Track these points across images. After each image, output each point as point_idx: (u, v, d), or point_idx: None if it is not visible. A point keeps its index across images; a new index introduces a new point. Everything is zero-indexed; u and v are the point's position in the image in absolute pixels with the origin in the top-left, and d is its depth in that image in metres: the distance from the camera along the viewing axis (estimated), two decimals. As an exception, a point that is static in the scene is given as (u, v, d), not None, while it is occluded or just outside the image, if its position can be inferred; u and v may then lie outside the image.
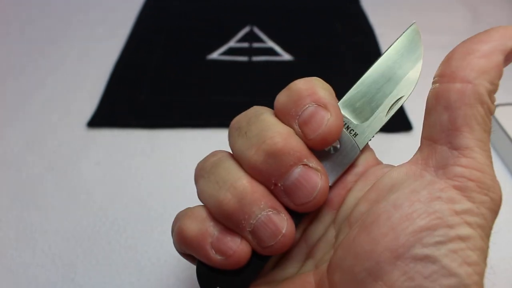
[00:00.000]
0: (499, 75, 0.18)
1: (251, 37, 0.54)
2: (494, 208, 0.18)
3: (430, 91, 0.19)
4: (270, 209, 0.18)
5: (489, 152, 0.18)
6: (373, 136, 0.20)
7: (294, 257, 0.21)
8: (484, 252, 0.17)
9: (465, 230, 0.17)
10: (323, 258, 0.21)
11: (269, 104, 0.21)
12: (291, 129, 0.19)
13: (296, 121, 0.18)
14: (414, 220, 0.17)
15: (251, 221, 0.18)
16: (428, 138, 0.19)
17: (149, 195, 0.36)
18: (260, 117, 0.19)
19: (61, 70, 0.49)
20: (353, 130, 0.20)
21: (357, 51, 0.52)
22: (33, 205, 0.35)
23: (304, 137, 0.18)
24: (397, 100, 0.21)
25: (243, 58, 0.50)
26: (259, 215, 0.18)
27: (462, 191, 0.17)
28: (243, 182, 0.18)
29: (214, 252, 0.18)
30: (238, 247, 0.18)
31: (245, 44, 0.52)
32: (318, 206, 0.19)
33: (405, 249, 0.16)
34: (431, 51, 0.53)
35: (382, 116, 0.20)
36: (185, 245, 0.19)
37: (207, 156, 0.21)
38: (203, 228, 0.19)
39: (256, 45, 0.52)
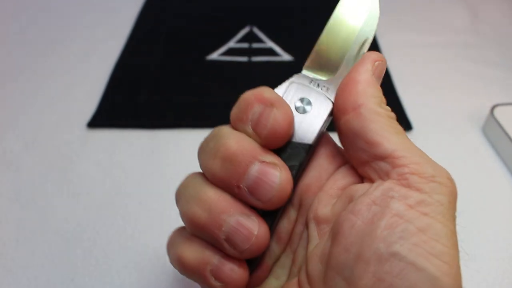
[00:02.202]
0: (377, 89, 0.19)
1: (250, 37, 0.54)
2: (447, 191, 0.18)
3: (338, 132, 0.20)
4: (239, 214, 0.19)
5: (414, 145, 0.19)
6: None
7: (284, 265, 0.22)
8: (450, 239, 0.17)
9: (423, 221, 0.17)
10: (302, 265, 0.21)
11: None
12: (243, 134, 0.19)
13: (249, 125, 0.19)
14: (375, 223, 0.17)
15: (223, 229, 0.18)
16: (360, 167, 0.20)
17: (149, 195, 0.36)
18: (217, 132, 0.20)
19: (61, 71, 0.49)
20: (325, 86, 0.20)
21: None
22: (33, 205, 0.35)
23: (259, 138, 0.19)
24: (362, 43, 0.20)
25: (243, 59, 0.50)
26: (230, 222, 0.18)
27: (409, 186, 0.17)
28: (208, 194, 0.19)
29: (214, 279, 0.19)
30: (236, 274, 0.19)
31: (244, 45, 0.52)
32: (284, 199, 0.19)
33: (371, 252, 0.17)
34: (431, 51, 0.53)
35: (351, 62, 0.20)
36: (186, 273, 0.20)
37: (182, 180, 0.21)
38: (204, 256, 0.19)
39: (255, 45, 0.52)
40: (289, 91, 0.20)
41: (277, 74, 0.51)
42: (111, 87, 0.46)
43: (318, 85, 0.20)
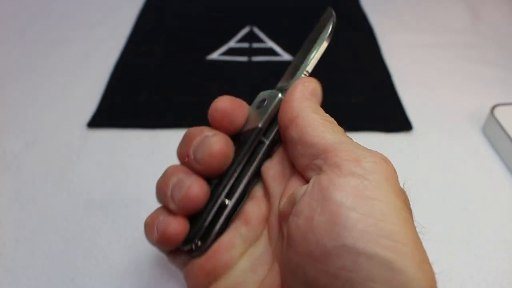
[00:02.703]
0: (311, 101, 0.21)
1: (251, 37, 0.54)
2: (381, 169, 0.18)
3: (285, 148, 0.22)
4: (183, 174, 0.22)
5: (351, 140, 0.20)
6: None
7: (263, 259, 0.22)
8: (398, 215, 0.16)
9: (365, 205, 0.16)
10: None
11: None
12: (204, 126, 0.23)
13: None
14: (316, 219, 0.17)
15: (169, 186, 0.21)
16: (304, 172, 0.20)
17: (149, 195, 0.36)
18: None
19: (61, 71, 0.49)
20: (284, 90, 0.23)
21: (357, 51, 0.52)
22: (33, 205, 0.35)
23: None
24: (314, 54, 0.24)
25: (243, 58, 0.50)
26: (174, 180, 0.22)
27: (343, 173, 0.17)
28: (170, 167, 0.23)
29: (156, 231, 0.22)
30: (171, 226, 0.21)
31: (245, 44, 0.52)
32: (217, 159, 0.21)
33: (319, 249, 0.16)
34: (431, 51, 0.53)
35: (304, 68, 0.24)
36: (146, 234, 0.23)
37: None
38: (156, 214, 0.22)
39: (256, 45, 0.52)
40: (256, 98, 0.24)
41: (277, 74, 0.51)
42: (111, 87, 0.46)
43: (281, 90, 0.23)
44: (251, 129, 0.23)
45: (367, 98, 0.45)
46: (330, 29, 0.24)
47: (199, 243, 0.22)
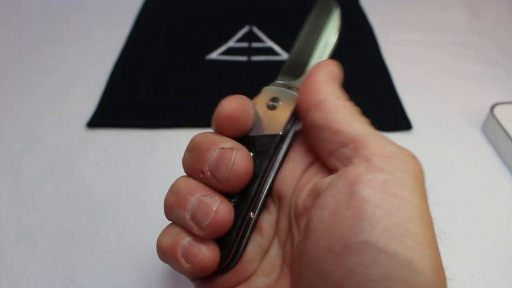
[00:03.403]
0: (335, 87, 0.20)
1: (250, 37, 0.54)
2: (410, 168, 0.17)
3: (305, 131, 0.21)
4: (201, 194, 0.20)
5: (377, 132, 0.19)
6: None
7: (273, 262, 0.21)
8: (421, 218, 0.16)
9: (390, 203, 0.16)
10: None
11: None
12: (210, 132, 0.22)
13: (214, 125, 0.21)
14: (341, 213, 0.17)
15: (188, 208, 0.20)
16: (327, 159, 0.20)
17: (149, 195, 0.36)
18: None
19: (60, 70, 0.49)
20: (295, 87, 0.22)
21: (356, 50, 0.52)
22: (33, 205, 0.35)
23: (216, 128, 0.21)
24: (324, 49, 0.23)
25: (243, 58, 0.50)
26: (193, 201, 0.20)
27: (371, 168, 0.17)
28: (179, 181, 0.21)
29: (184, 261, 0.20)
30: (204, 254, 0.20)
31: (244, 44, 0.52)
32: (241, 177, 0.20)
33: (340, 243, 0.16)
34: (431, 50, 0.53)
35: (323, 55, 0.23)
36: (163, 257, 0.21)
37: None
38: (175, 239, 0.20)
39: (255, 45, 0.52)
40: (262, 95, 0.23)
41: (277, 74, 0.51)
42: (111, 87, 0.46)
43: (290, 88, 0.22)
44: (268, 136, 0.21)
45: (367, 97, 0.45)
46: (337, 19, 0.24)
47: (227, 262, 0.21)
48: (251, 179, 0.20)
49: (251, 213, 0.21)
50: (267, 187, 0.21)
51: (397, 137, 0.41)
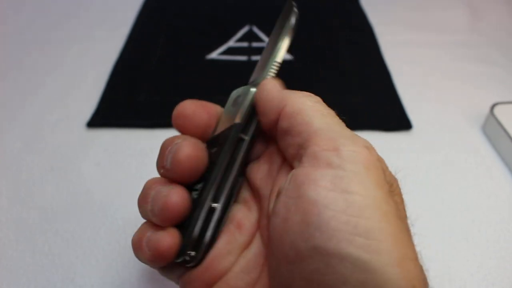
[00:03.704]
0: (289, 91, 0.21)
1: (250, 36, 0.54)
2: (361, 158, 0.16)
3: (277, 140, 0.21)
4: (160, 186, 0.21)
5: (340, 124, 0.19)
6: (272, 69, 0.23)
7: (256, 261, 0.21)
8: (376, 209, 0.15)
9: (340, 200, 0.15)
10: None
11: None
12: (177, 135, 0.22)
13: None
14: (291, 219, 0.16)
15: (149, 200, 0.21)
16: (291, 162, 0.20)
17: (149, 195, 0.36)
18: None
19: (60, 70, 0.49)
20: (258, 83, 0.23)
21: (356, 50, 0.52)
22: (33, 205, 0.35)
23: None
24: (278, 49, 0.24)
25: (243, 58, 0.50)
26: (152, 193, 0.21)
27: (320, 165, 0.16)
28: (147, 181, 0.22)
29: (147, 249, 0.20)
30: (162, 240, 0.20)
31: (244, 44, 0.52)
32: (182, 162, 0.20)
33: (292, 251, 0.15)
34: (431, 50, 0.53)
35: (271, 62, 0.23)
36: (134, 252, 0.22)
37: None
38: (142, 232, 0.21)
39: (255, 44, 0.52)
40: (229, 98, 0.24)
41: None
42: (111, 87, 0.46)
43: (254, 85, 0.23)
44: (228, 128, 0.22)
45: (367, 97, 0.45)
46: (293, 21, 0.24)
47: (193, 253, 0.21)
48: (211, 169, 0.21)
49: (214, 203, 0.21)
50: (231, 178, 0.22)
51: (397, 137, 0.41)
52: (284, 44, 0.24)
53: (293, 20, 0.24)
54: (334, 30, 0.55)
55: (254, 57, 0.50)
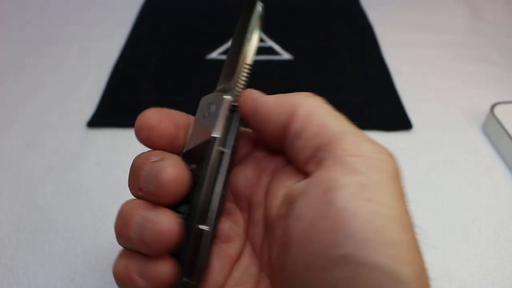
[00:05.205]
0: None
1: (250, 36, 0.54)
2: (386, 167, 0.16)
3: (284, 145, 0.20)
4: (143, 210, 0.19)
5: (354, 128, 0.18)
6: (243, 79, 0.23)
7: (249, 271, 0.21)
8: (400, 222, 0.15)
9: (367, 210, 0.15)
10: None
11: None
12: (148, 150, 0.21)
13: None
14: (318, 226, 0.16)
15: (133, 227, 0.18)
16: (304, 165, 0.19)
17: (149, 195, 0.36)
18: None
19: (60, 70, 0.49)
20: (229, 89, 0.22)
21: (357, 50, 0.52)
22: (33, 205, 0.35)
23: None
24: (247, 51, 0.23)
25: (243, 58, 0.50)
26: (136, 220, 0.18)
27: (346, 170, 0.16)
28: (124, 204, 0.20)
29: (141, 279, 0.19)
30: (159, 270, 0.18)
31: (244, 44, 0.52)
32: (167, 184, 0.19)
33: (320, 258, 0.15)
34: (431, 50, 0.53)
35: (242, 66, 0.23)
36: (117, 282, 0.20)
37: None
38: (129, 262, 0.19)
39: (255, 44, 0.52)
40: (199, 106, 0.23)
41: (277, 73, 0.51)
42: (111, 87, 0.46)
43: (225, 91, 0.22)
44: (205, 142, 0.20)
45: (367, 97, 0.45)
46: (258, 16, 0.23)
47: (193, 282, 0.20)
48: (194, 190, 0.20)
49: (204, 226, 0.20)
50: (218, 196, 0.20)
51: (397, 137, 0.41)
52: (254, 39, 0.22)
53: (259, 8, 0.22)
54: (334, 30, 0.55)
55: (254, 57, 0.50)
